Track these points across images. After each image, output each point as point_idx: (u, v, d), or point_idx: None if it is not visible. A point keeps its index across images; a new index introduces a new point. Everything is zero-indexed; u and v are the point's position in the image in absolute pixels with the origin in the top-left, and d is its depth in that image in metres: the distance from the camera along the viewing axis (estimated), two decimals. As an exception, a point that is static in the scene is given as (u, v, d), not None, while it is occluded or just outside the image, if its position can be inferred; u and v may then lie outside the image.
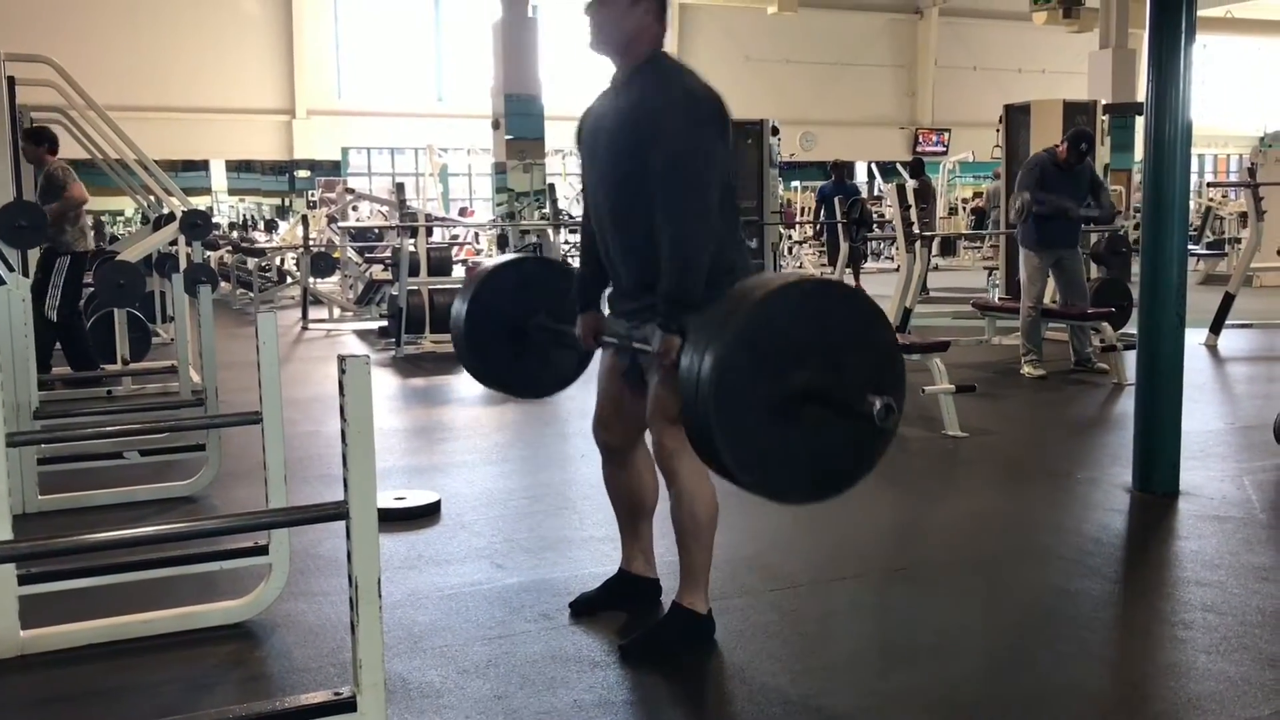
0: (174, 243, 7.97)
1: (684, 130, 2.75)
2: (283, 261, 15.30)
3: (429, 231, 10.80)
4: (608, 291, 3.13)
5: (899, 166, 17.33)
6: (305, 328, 11.01)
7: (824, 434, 2.38)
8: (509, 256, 3.64)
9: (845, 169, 14.76)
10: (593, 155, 2.98)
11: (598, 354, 3.25)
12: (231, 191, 23.51)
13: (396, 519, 4.11)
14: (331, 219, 15.35)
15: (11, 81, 6.44)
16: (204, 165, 22.68)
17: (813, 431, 2.36)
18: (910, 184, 9.38)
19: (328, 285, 13.58)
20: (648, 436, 3.03)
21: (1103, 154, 10.48)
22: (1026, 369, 7.28)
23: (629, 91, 2.87)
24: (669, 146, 2.73)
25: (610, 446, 3.16)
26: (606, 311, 3.11)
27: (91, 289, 7.71)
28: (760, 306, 2.34)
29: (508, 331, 3.38)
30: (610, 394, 3.12)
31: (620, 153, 2.85)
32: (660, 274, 2.76)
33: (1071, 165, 7.19)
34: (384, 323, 10.14)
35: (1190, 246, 11.31)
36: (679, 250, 2.73)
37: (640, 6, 2.85)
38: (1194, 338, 7.76)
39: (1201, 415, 5.86)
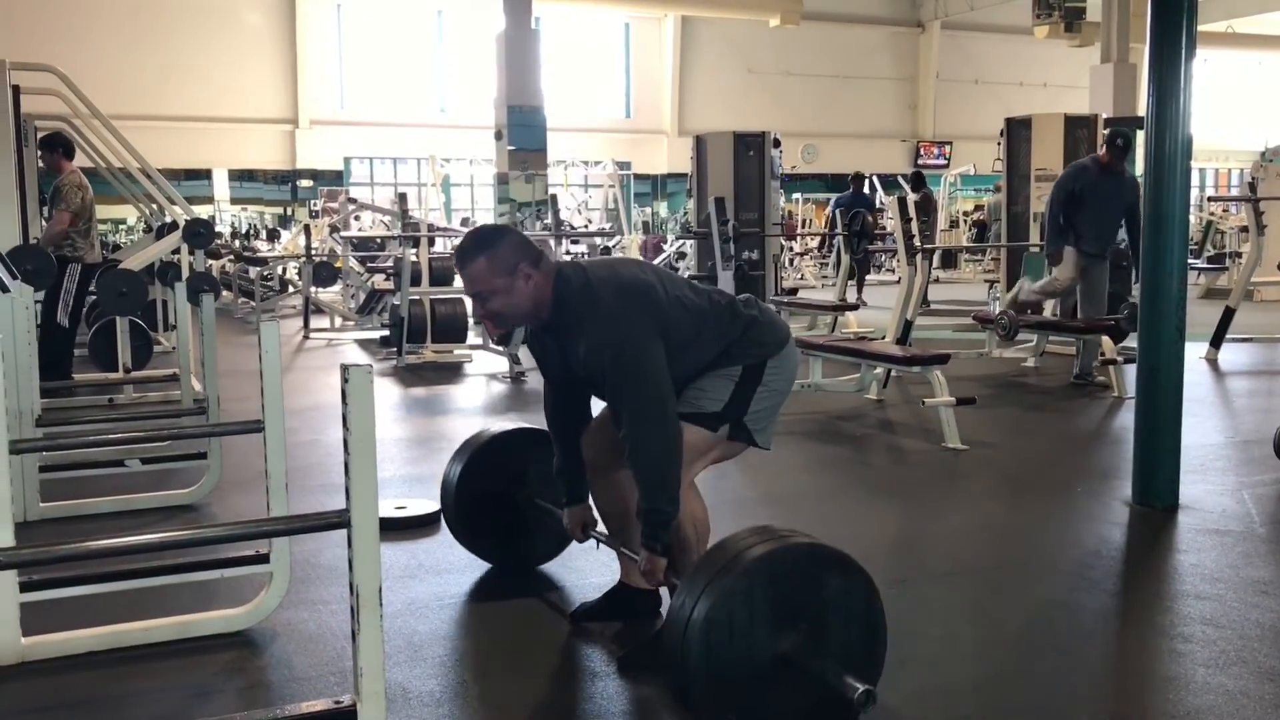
0: (176, 251, 8.00)
1: (611, 344, 2.75)
2: (285, 270, 15.34)
3: (431, 241, 10.82)
4: None
5: (900, 179, 17.35)
6: (307, 337, 11.02)
7: (799, 700, 2.39)
8: (507, 427, 3.70)
9: (862, 181, 14.80)
10: (563, 366, 2.99)
11: None
12: (234, 200, 23.53)
13: (397, 528, 4.11)
14: (334, 228, 15.38)
15: (17, 90, 6.48)
16: (207, 174, 22.71)
17: (789, 695, 2.39)
18: (911, 197, 9.40)
19: (329, 294, 13.59)
20: None
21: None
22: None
23: (565, 332, 2.88)
24: (608, 366, 2.76)
25: (592, 461, 3.16)
26: None
27: (94, 297, 7.73)
28: (758, 564, 2.37)
29: (499, 500, 3.53)
30: (607, 419, 3.13)
31: (596, 370, 2.84)
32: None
33: (1115, 166, 7.25)
34: (385, 332, 10.15)
35: (1191, 261, 11.34)
36: (647, 470, 2.76)
37: (519, 275, 2.79)
38: (1194, 352, 7.77)
39: (1201, 429, 5.87)
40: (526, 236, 2.95)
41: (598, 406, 3.12)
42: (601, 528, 3.22)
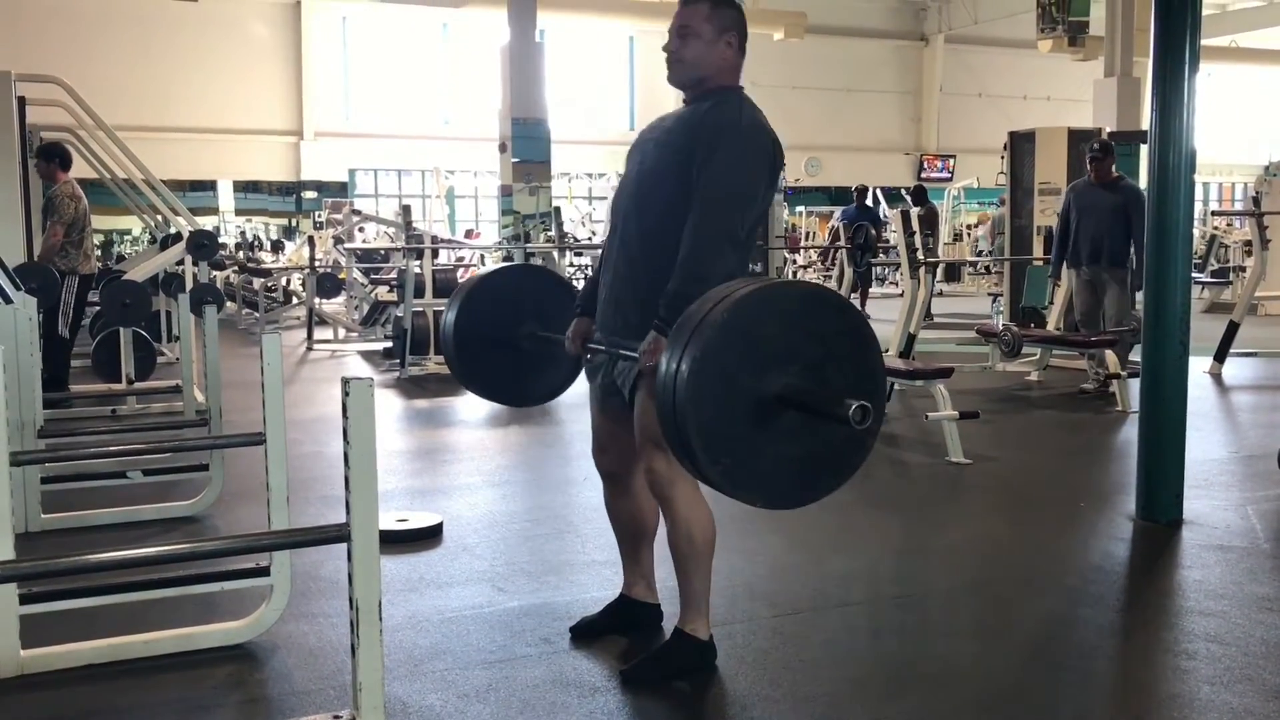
0: (181, 262, 8.01)
1: (739, 157, 2.76)
2: (288, 282, 15.36)
3: (434, 253, 10.83)
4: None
5: (903, 193, 17.36)
6: (310, 348, 11.03)
7: (801, 437, 2.34)
8: (499, 265, 3.65)
9: (867, 194, 14.83)
10: (637, 170, 2.97)
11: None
12: (238, 212, 23.60)
13: (398, 541, 4.10)
14: (338, 240, 15.41)
15: (22, 101, 6.50)
16: (211, 185, 22.78)
17: (789, 434, 2.33)
18: (914, 210, 9.41)
19: (333, 306, 13.61)
20: None
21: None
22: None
23: (697, 106, 2.88)
24: (720, 165, 2.75)
25: (609, 472, 3.16)
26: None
27: (98, 308, 7.73)
28: (742, 305, 2.32)
29: (497, 339, 3.39)
30: (601, 421, 3.13)
31: (666, 168, 2.84)
32: (654, 302, 2.74)
33: (1102, 177, 7.39)
34: (388, 344, 10.16)
35: (1195, 275, 11.33)
36: (696, 259, 2.73)
37: (723, 39, 2.87)
38: (1198, 366, 7.77)
39: (1205, 444, 5.85)
40: (746, 31, 2.96)
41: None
42: (596, 343, 3.08)
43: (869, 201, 15.00)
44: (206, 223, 15.33)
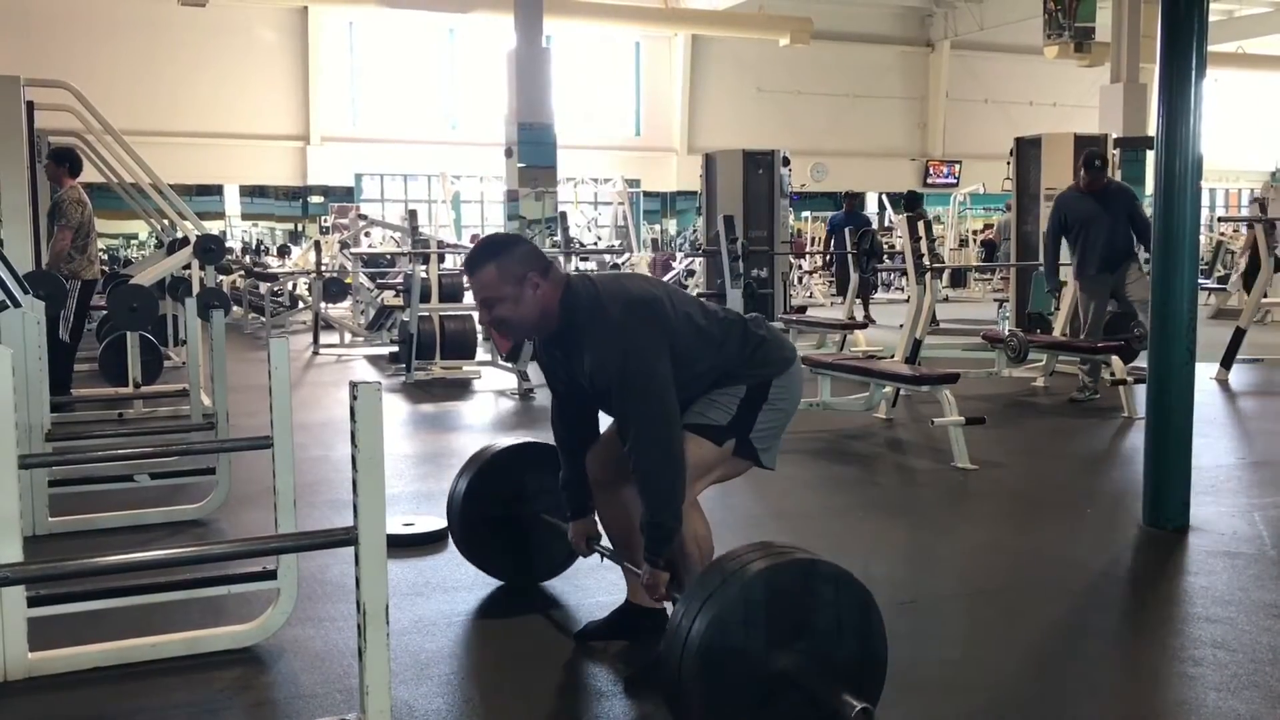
0: (187, 266, 8.03)
1: (633, 373, 2.75)
2: (295, 286, 15.38)
3: (441, 258, 10.84)
4: None
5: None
6: (316, 352, 11.04)
7: (796, 718, 2.39)
8: (510, 443, 3.70)
9: (857, 199, 14.81)
10: (567, 379, 2.99)
11: None
12: (245, 216, 23.62)
13: (405, 545, 4.11)
14: (344, 244, 15.43)
15: (31, 106, 6.51)
16: (218, 190, 22.80)
17: (786, 713, 2.38)
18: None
19: (339, 310, 13.63)
20: None
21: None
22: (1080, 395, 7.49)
23: (569, 346, 2.88)
24: (626, 396, 2.77)
25: (598, 479, 3.16)
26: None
27: (105, 312, 7.75)
28: (756, 580, 2.37)
29: (503, 516, 3.52)
30: (613, 435, 3.13)
31: (599, 383, 2.85)
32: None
33: (1095, 187, 7.30)
34: (395, 348, 10.17)
35: (1201, 281, 11.31)
36: (651, 483, 2.76)
37: (527, 284, 2.81)
38: (1205, 372, 7.76)
39: (1212, 450, 5.84)
40: (537, 246, 2.95)
41: (605, 423, 3.12)
42: (606, 542, 3.21)
43: (877, 208, 14.97)
44: (213, 227, 15.33)
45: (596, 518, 3.22)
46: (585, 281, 2.90)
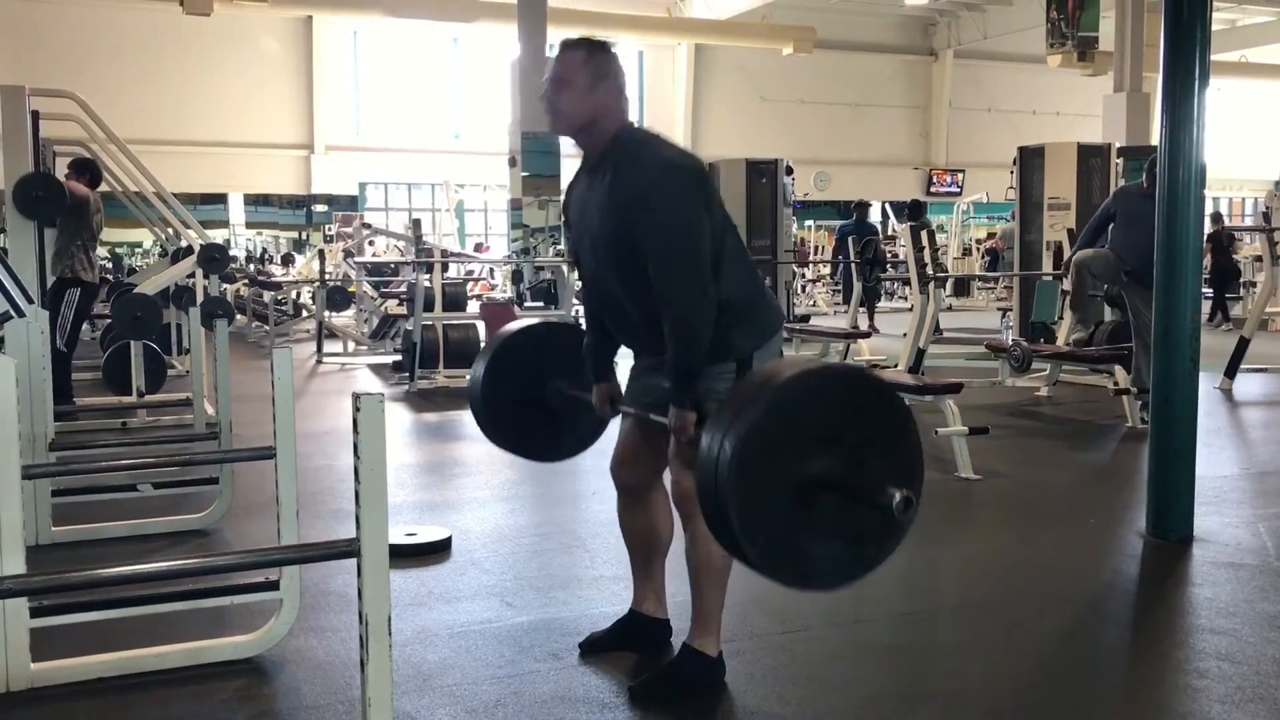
0: (191, 275, 8.03)
1: (669, 207, 2.74)
2: (299, 295, 15.40)
3: (444, 267, 10.85)
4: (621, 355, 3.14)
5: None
6: (320, 361, 11.05)
7: (838, 522, 2.35)
8: (528, 322, 3.64)
9: (866, 209, 14.84)
10: (590, 240, 2.95)
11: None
12: (249, 225, 23.68)
13: (407, 555, 4.10)
14: (348, 253, 15.45)
15: (36, 116, 6.51)
16: (222, 199, 22.86)
17: (827, 518, 2.33)
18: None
19: (343, 319, 13.64)
20: (666, 475, 3.03)
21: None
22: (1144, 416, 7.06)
23: (605, 174, 2.85)
24: (658, 228, 2.73)
25: (627, 485, 3.16)
26: (625, 376, 3.13)
27: (108, 320, 7.77)
28: (787, 389, 2.32)
29: (525, 396, 3.41)
30: (632, 434, 3.13)
31: (617, 241, 2.83)
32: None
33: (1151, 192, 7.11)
34: (398, 357, 10.17)
35: (1205, 290, 11.30)
36: (681, 326, 2.73)
37: (600, 88, 2.83)
38: (1208, 382, 7.73)
39: (1216, 460, 5.83)
40: (626, 80, 2.93)
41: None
42: (627, 404, 3.12)
43: (881, 217, 15.00)
44: (217, 236, 15.38)
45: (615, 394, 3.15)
46: (647, 131, 2.90)
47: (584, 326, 3.21)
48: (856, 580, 2.45)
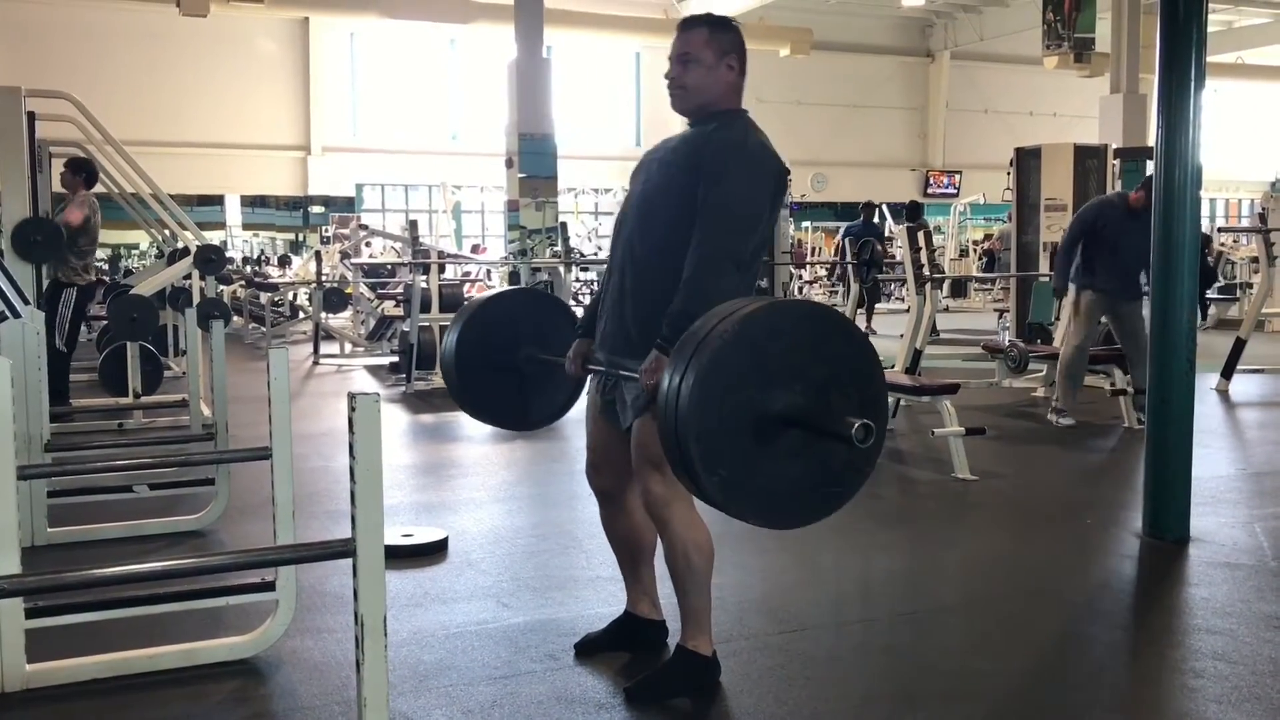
0: (188, 277, 8.03)
1: (744, 178, 2.77)
2: (295, 296, 15.39)
3: (441, 268, 10.85)
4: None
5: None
6: (317, 362, 11.04)
7: (801, 456, 2.33)
8: (500, 289, 3.64)
9: (873, 210, 14.90)
10: (640, 192, 2.96)
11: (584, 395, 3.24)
12: (246, 226, 23.68)
13: (403, 556, 4.10)
14: (345, 255, 15.44)
15: (32, 117, 6.51)
16: (219, 200, 22.85)
17: (789, 452, 2.32)
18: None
19: (340, 321, 13.63)
20: None
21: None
22: (1054, 418, 7.00)
23: (695, 137, 2.89)
24: (727, 186, 2.75)
25: (604, 491, 3.15)
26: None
27: (105, 322, 7.77)
28: (748, 322, 2.31)
29: (498, 363, 3.37)
30: (598, 437, 3.12)
31: (667, 188, 2.85)
32: (657, 322, 2.73)
33: (1143, 212, 6.59)
34: (395, 358, 10.17)
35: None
36: (700, 275, 2.72)
37: (724, 62, 2.89)
38: (1205, 383, 7.75)
39: (1212, 461, 5.84)
40: (745, 52, 2.97)
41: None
42: (596, 364, 3.08)
43: (877, 218, 15.05)
44: (214, 237, 15.34)
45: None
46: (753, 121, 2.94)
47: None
48: (822, 517, 2.43)
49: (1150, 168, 5.12)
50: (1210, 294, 15.19)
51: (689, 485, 2.38)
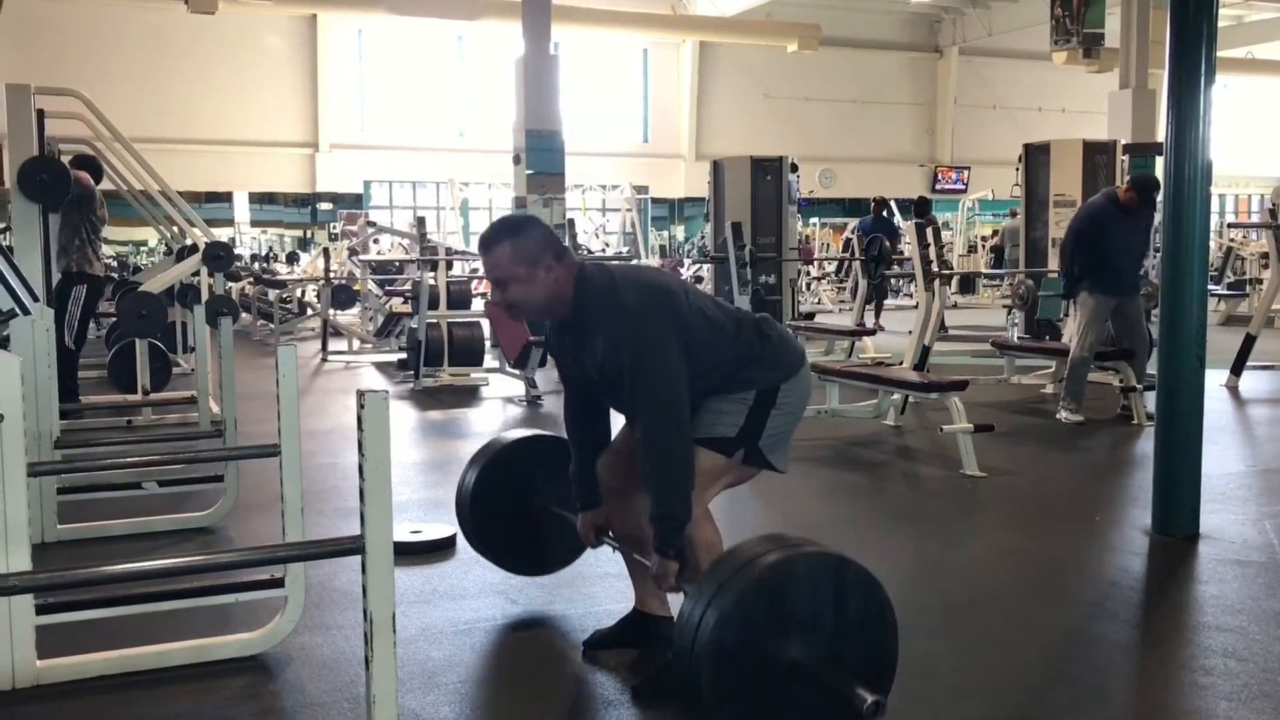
0: (196, 274, 8.04)
1: (649, 357, 2.74)
2: (303, 293, 15.41)
3: (449, 265, 10.85)
4: None
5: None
6: (325, 359, 11.06)
7: (808, 706, 2.38)
8: (521, 434, 3.69)
9: (884, 205, 14.85)
10: (600, 374, 2.93)
11: None
12: (254, 223, 23.70)
13: (412, 552, 4.11)
14: (353, 251, 15.46)
15: (41, 114, 6.52)
16: (227, 197, 22.88)
17: (797, 702, 2.37)
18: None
19: (348, 317, 13.65)
20: None
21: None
22: (1064, 414, 7.00)
23: (589, 326, 2.85)
24: (637, 384, 2.74)
25: (611, 488, 3.15)
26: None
27: (113, 319, 7.79)
28: (771, 573, 2.36)
29: (513, 509, 3.50)
30: (626, 444, 3.12)
31: (610, 364, 2.83)
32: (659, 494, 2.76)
33: (1137, 208, 6.87)
34: (403, 355, 10.18)
35: (1211, 287, 11.27)
36: (660, 472, 2.73)
37: (541, 266, 2.80)
38: (1214, 379, 7.72)
39: (1222, 457, 5.82)
40: (552, 230, 2.93)
41: (616, 426, 3.12)
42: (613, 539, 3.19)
43: (885, 213, 15.00)
44: (222, 234, 15.39)
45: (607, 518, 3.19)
46: (600, 268, 2.89)
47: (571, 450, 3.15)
48: None
49: (1158, 164, 5.11)
50: (1219, 289, 15.15)
51: (704, 707, 2.41)
